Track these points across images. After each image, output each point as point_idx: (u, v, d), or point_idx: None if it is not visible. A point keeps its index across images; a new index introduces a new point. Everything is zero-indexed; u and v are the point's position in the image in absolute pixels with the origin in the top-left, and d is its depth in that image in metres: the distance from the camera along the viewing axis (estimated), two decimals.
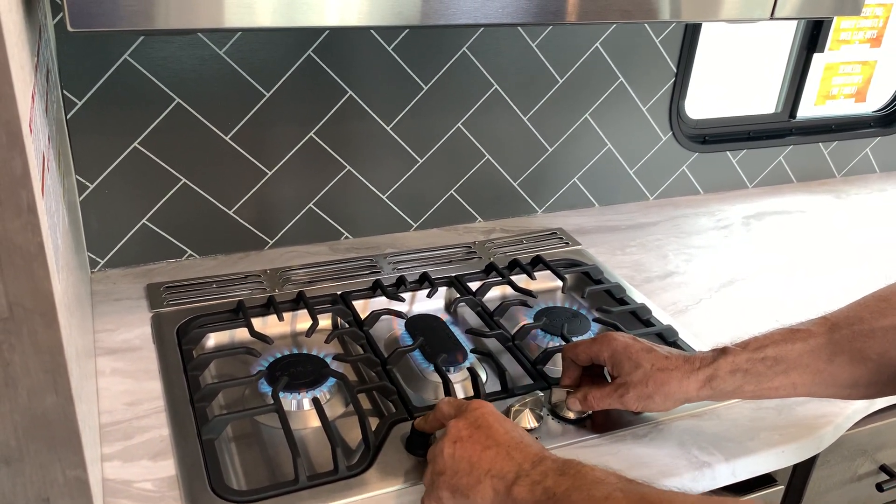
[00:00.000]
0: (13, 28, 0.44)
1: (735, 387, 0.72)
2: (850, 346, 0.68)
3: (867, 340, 0.67)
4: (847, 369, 0.68)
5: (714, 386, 0.72)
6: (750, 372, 0.71)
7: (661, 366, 0.74)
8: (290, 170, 1.11)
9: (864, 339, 0.67)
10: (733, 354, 0.72)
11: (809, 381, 0.70)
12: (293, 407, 0.82)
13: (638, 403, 0.75)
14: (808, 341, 0.70)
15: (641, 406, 0.75)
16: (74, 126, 0.97)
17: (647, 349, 0.75)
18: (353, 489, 0.71)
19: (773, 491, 0.86)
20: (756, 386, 0.72)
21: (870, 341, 0.67)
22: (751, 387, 0.72)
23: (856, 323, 0.68)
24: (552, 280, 1.11)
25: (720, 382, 0.72)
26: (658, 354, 0.75)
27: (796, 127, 1.51)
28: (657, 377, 0.73)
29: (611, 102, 1.28)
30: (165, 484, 0.71)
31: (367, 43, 1.07)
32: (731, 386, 0.72)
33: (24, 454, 0.48)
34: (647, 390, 0.74)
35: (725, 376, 0.72)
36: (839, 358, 0.68)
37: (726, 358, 0.72)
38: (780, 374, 0.70)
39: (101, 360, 0.88)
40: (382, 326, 0.98)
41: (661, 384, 0.73)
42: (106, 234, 1.05)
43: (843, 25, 1.48)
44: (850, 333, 0.68)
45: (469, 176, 1.23)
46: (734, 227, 1.33)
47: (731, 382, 0.72)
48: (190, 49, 0.98)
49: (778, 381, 0.71)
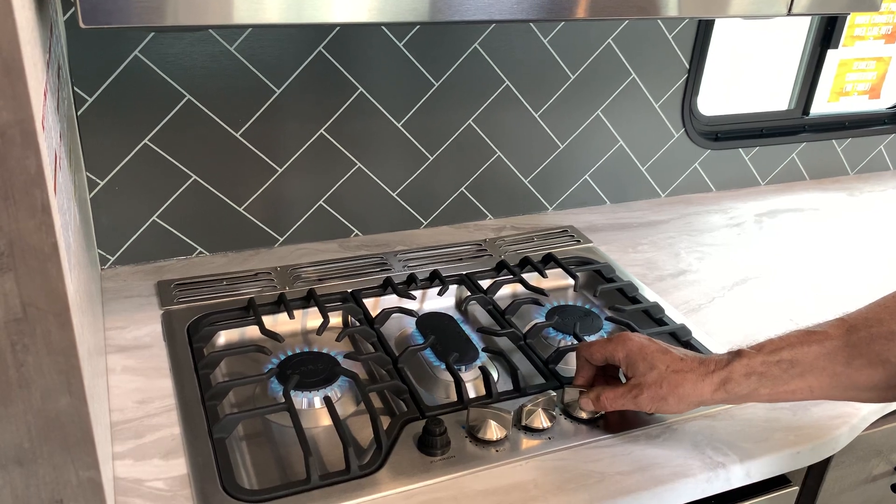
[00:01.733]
0: (26, 25, 0.44)
1: (750, 390, 0.71)
2: (868, 348, 0.67)
3: (886, 343, 0.66)
4: (865, 372, 0.67)
5: (729, 389, 0.71)
6: (765, 375, 0.70)
7: (676, 367, 0.73)
8: (301, 167, 1.10)
9: (883, 341, 0.66)
10: (748, 357, 0.71)
11: (826, 384, 0.69)
12: (304, 405, 0.81)
13: (651, 405, 0.74)
14: (825, 344, 0.69)
15: (655, 408, 0.74)
16: (85, 123, 0.97)
17: (663, 350, 0.75)
18: (366, 489, 0.71)
19: (788, 492, 0.85)
20: (771, 389, 0.71)
21: (889, 344, 0.66)
22: (766, 390, 0.71)
23: (874, 325, 0.67)
24: (564, 278, 1.10)
25: (735, 386, 0.71)
26: (673, 356, 0.74)
27: (809, 124, 1.50)
28: (672, 379, 0.73)
29: (623, 99, 1.26)
30: (177, 483, 0.71)
31: (378, 39, 1.06)
32: (746, 389, 0.71)
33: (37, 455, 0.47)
34: (661, 392, 0.73)
35: (740, 379, 0.71)
36: (857, 361, 0.67)
37: (741, 360, 0.71)
38: (797, 378, 0.69)
39: (112, 358, 0.88)
40: (393, 325, 0.98)
41: (675, 386, 0.73)
42: (116, 231, 1.05)
43: (857, 21, 1.47)
44: (869, 336, 0.67)
45: (480, 173, 1.23)
46: (747, 224, 1.32)
47: (746, 385, 0.71)
48: (200, 45, 0.98)
49: (794, 384, 0.70)
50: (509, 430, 0.77)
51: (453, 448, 0.75)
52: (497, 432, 0.76)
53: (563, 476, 0.74)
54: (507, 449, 0.76)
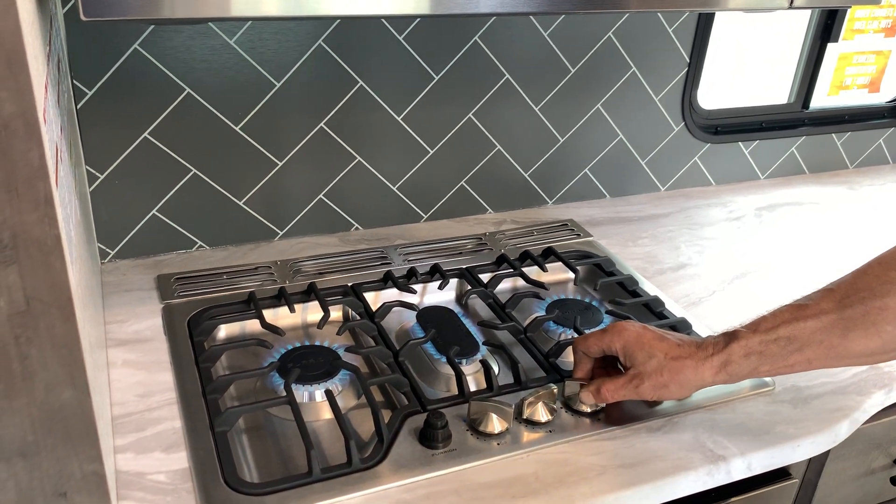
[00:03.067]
0: (27, 17, 0.44)
1: (750, 369, 0.72)
2: (864, 320, 0.68)
3: (881, 313, 0.67)
4: (862, 342, 0.68)
5: (730, 371, 0.72)
6: (765, 354, 0.71)
7: (675, 354, 0.74)
8: (301, 160, 1.10)
9: (877, 312, 0.67)
10: (745, 338, 0.72)
11: (824, 355, 0.70)
12: (305, 399, 0.81)
13: (654, 393, 0.74)
14: (821, 318, 0.69)
15: (657, 395, 0.75)
16: (84, 116, 0.97)
17: (660, 337, 0.75)
18: (367, 482, 0.71)
19: (788, 485, 0.86)
20: (771, 366, 0.72)
21: (884, 313, 0.67)
22: (766, 367, 0.72)
23: (867, 295, 0.68)
24: (564, 272, 1.10)
25: (735, 367, 0.72)
26: (671, 342, 0.75)
27: (809, 117, 1.50)
28: (671, 366, 0.73)
29: (623, 93, 1.26)
30: (178, 476, 0.71)
31: (379, 33, 1.06)
32: (747, 369, 0.72)
33: (40, 448, 0.47)
34: (662, 380, 0.73)
35: (740, 360, 0.72)
36: (853, 333, 0.68)
37: (739, 342, 0.72)
38: (795, 353, 0.70)
39: (113, 352, 0.88)
40: (393, 318, 0.98)
41: (676, 373, 0.73)
42: (116, 224, 1.05)
43: (857, 15, 1.47)
44: (864, 309, 0.68)
45: (479, 167, 1.23)
46: (746, 218, 1.32)
47: (747, 366, 0.72)
48: (200, 39, 0.98)
49: (793, 358, 0.71)
50: (510, 424, 0.77)
51: (454, 441, 0.76)
52: (498, 425, 0.77)
53: (564, 469, 0.74)
54: (509, 442, 0.76)
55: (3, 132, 0.39)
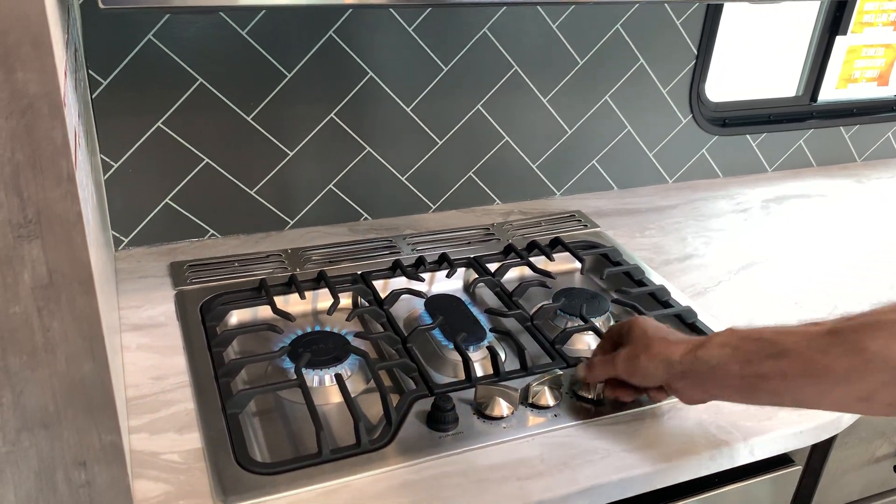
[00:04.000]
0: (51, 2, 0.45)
1: (719, 360, 0.69)
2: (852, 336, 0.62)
3: (871, 331, 0.61)
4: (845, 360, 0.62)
5: (699, 354, 0.70)
6: (739, 349, 0.68)
7: (660, 335, 0.75)
8: (311, 150, 1.12)
9: (869, 329, 0.61)
10: (729, 332, 0.70)
11: (801, 369, 0.64)
12: (315, 383, 0.83)
13: (625, 364, 0.75)
14: (810, 329, 0.66)
15: (628, 368, 0.75)
16: (99, 106, 0.98)
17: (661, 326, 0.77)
18: (375, 462, 0.72)
19: (791, 471, 0.87)
20: (741, 366, 0.67)
21: (873, 332, 0.61)
22: (736, 366, 0.68)
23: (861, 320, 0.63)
24: (571, 262, 1.11)
25: (705, 351, 0.70)
26: (667, 329, 0.76)
27: (817, 110, 1.50)
28: (647, 341, 0.74)
29: (631, 84, 1.27)
30: (191, 456, 0.73)
31: (388, 24, 1.07)
32: (717, 358, 0.69)
33: (61, 418, 0.49)
34: (635, 350, 0.75)
35: (713, 347, 0.70)
36: (837, 349, 0.62)
37: (722, 334, 0.71)
38: (771, 358, 0.66)
39: (127, 336, 0.89)
40: (402, 306, 0.99)
41: (648, 346, 0.74)
42: (130, 213, 1.06)
43: (866, 8, 1.46)
44: (857, 324, 0.63)
45: (488, 158, 1.24)
46: (753, 210, 1.33)
47: (718, 354, 0.69)
48: (213, 29, 0.99)
49: (767, 365, 0.66)
50: (516, 408, 0.79)
51: (461, 424, 0.77)
52: (505, 409, 0.78)
53: (568, 452, 0.75)
54: (514, 425, 0.77)
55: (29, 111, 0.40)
